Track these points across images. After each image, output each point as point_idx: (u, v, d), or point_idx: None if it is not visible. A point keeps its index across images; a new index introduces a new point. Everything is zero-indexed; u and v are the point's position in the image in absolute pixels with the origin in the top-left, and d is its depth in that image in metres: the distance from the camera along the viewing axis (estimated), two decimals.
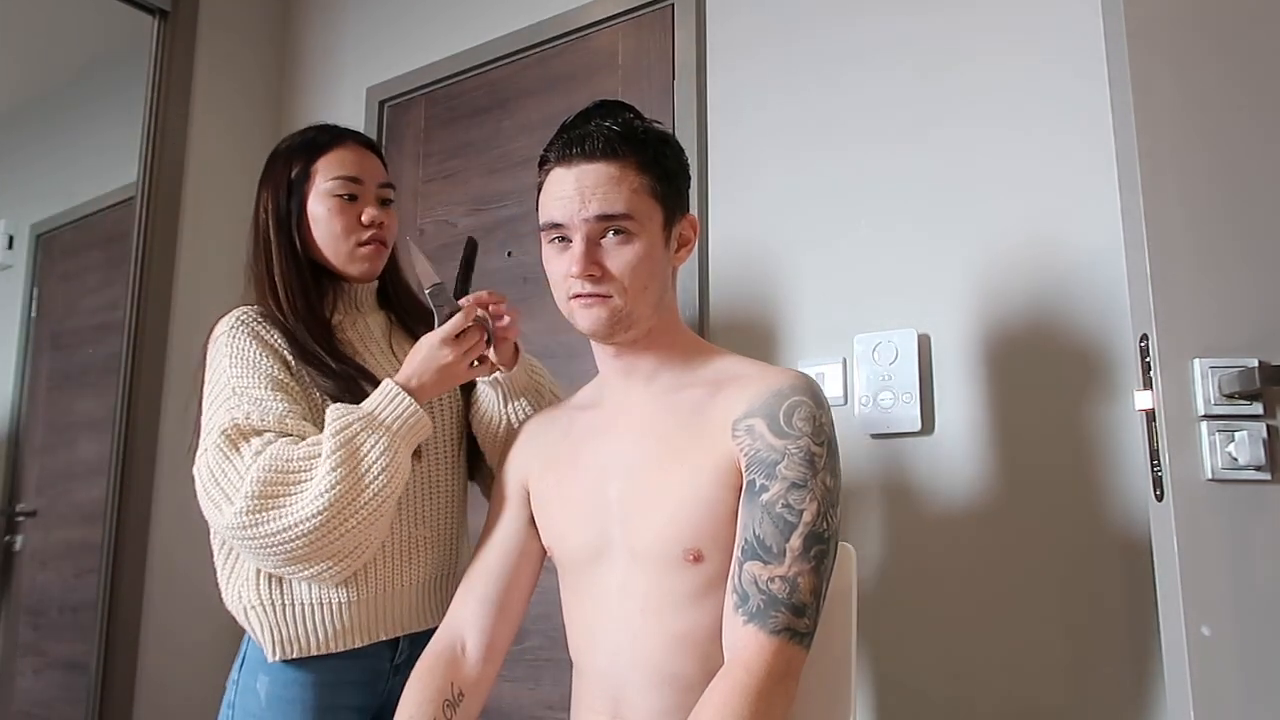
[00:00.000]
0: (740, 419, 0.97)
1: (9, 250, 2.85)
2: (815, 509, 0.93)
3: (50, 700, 2.40)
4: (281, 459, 1.06)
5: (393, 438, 1.07)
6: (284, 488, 1.05)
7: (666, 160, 1.04)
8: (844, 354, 1.58)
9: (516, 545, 1.12)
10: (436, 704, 1.03)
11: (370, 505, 1.05)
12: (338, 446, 1.05)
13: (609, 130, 1.00)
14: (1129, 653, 1.29)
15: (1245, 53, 1.06)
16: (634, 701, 0.99)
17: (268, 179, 1.25)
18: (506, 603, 1.10)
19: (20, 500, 2.66)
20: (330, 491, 1.03)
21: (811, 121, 1.69)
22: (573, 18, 2.03)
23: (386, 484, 1.06)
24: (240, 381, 1.12)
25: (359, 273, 1.24)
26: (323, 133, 1.26)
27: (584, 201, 0.98)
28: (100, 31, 2.62)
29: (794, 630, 0.90)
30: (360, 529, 1.05)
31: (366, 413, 1.08)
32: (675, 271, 1.09)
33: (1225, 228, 1.02)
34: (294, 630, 1.12)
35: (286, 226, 1.21)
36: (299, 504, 1.04)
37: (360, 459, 1.05)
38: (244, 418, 1.09)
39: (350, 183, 1.22)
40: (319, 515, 1.03)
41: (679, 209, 1.06)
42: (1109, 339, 1.36)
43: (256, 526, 1.04)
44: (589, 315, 1.01)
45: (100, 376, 2.38)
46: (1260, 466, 0.97)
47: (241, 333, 1.16)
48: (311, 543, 1.04)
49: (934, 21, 1.58)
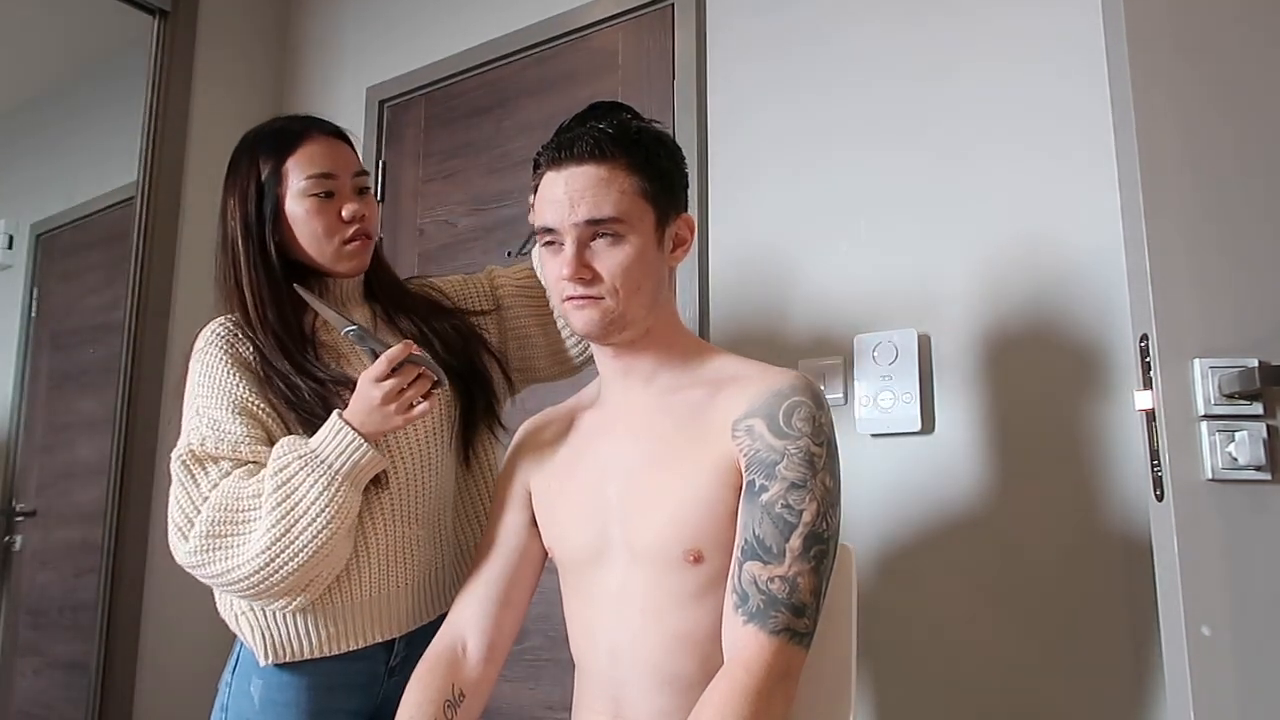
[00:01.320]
0: (740, 419, 0.97)
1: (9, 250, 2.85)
2: (815, 509, 0.93)
3: (50, 700, 2.40)
4: (231, 497, 1.07)
5: (333, 476, 1.05)
6: (232, 526, 1.06)
7: (659, 160, 1.03)
8: (844, 354, 1.58)
9: (517, 546, 1.12)
10: (437, 704, 1.03)
11: (311, 546, 1.04)
12: (276, 488, 1.05)
13: (599, 132, 1.00)
14: (1129, 653, 1.29)
15: (1245, 53, 1.06)
16: (634, 701, 0.99)
17: (233, 184, 1.19)
18: (508, 604, 1.10)
19: (20, 500, 2.66)
20: (268, 534, 1.04)
21: (812, 121, 1.68)
22: (573, 18, 2.03)
23: (327, 525, 1.04)
24: (204, 401, 1.12)
25: (348, 269, 1.21)
26: (291, 124, 1.21)
27: (573, 205, 0.98)
28: (100, 31, 2.62)
29: (794, 630, 0.90)
30: (307, 568, 1.05)
31: (309, 450, 1.06)
32: (672, 272, 1.09)
33: (1225, 227, 1.02)
34: (285, 635, 1.11)
35: (259, 232, 1.17)
36: (243, 548, 1.05)
37: (298, 501, 1.04)
38: (199, 443, 1.10)
39: (325, 179, 1.17)
40: (259, 557, 1.04)
41: (673, 209, 1.05)
42: (1109, 339, 1.36)
43: (205, 567, 1.07)
44: (581, 317, 1.01)
45: (100, 376, 2.38)
46: (1260, 466, 0.97)
47: (214, 348, 1.15)
48: (257, 584, 1.05)
49: (934, 23, 1.58)
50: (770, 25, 1.76)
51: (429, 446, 1.21)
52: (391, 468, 1.16)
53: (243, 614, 1.12)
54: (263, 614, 1.11)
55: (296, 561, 1.04)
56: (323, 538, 1.04)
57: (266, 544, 1.03)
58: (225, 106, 2.44)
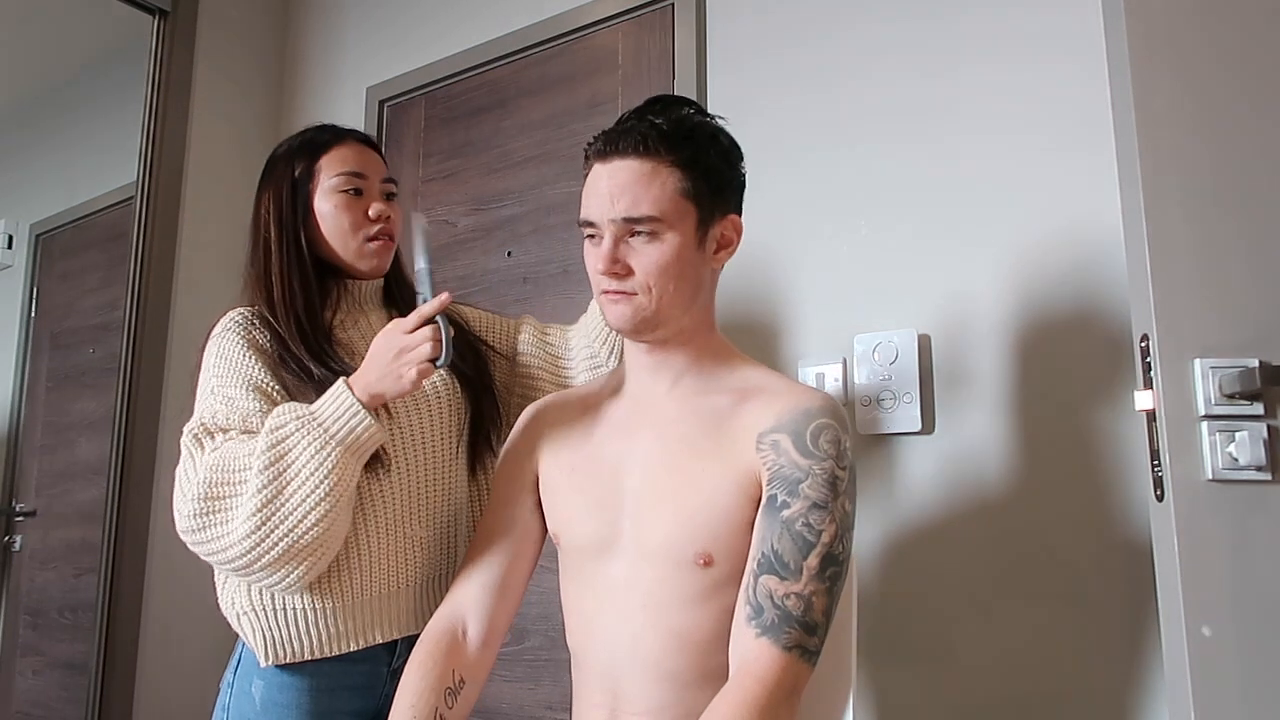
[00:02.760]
0: (766, 433, 0.97)
1: (9, 250, 2.85)
2: (834, 531, 0.93)
3: (50, 700, 2.40)
4: (228, 458, 1.06)
5: (327, 439, 1.03)
6: (227, 488, 1.05)
7: (708, 158, 1.02)
8: (844, 354, 1.58)
9: (520, 528, 1.12)
10: (438, 692, 1.02)
11: (302, 512, 1.02)
12: (268, 447, 1.03)
13: (649, 126, 0.99)
14: (1129, 653, 1.29)
15: (1246, 52, 1.06)
16: (632, 695, 1.00)
17: (269, 180, 1.24)
18: (508, 586, 1.10)
19: (20, 500, 2.66)
20: (257, 496, 1.02)
21: (812, 121, 1.68)
22: (573, 18, 2.03)
23: (317, 489, 1.02)
24: (218, 381, 1.13)
25: (368, 268, 1.24)
26: (323, 132, 1.27)
27: (612, 201, 0.99)
28: (100, 31, 2.62)
29: (804, 648, 0.91)
30: (299, 537, 1.02)
31: (306, 412, 1.05)
32: (715, 274, 1.08)
33: (1226, 227, 1.02)
34: (287, 635, 1.11)
35: (291, 226, 1.21)
36: (235, 511, 1.03)
37: (290, 463, 1.03)
38: (210, 417, 1.10)
39: (355, 178, 1.22)
40: (250, 520, 1.02)
41: (719, 209, 1.03)
42: (1109, 339, 1.36)
43: (201, 533, 1.05)
44: (615, 311, 1.01)
45: (100, 376, 2.38)
46: (1261, 467, 0.97)
47: (232, 334, 1.16)
48: (249, 551, 1.03)
49: (934, 24, 1.58)
50: (770, 25, 1.76)
51: (434, 445, 1.21)
52: (395, 464, 1.16)
53: (245, 614, 1.12)
54: (264, 614, 1.11)
55: (287, 527, 1.02)
56: (315, 505, 1.02)
57: (256, 506, 1.02)
58: (225, 106, 2.44)
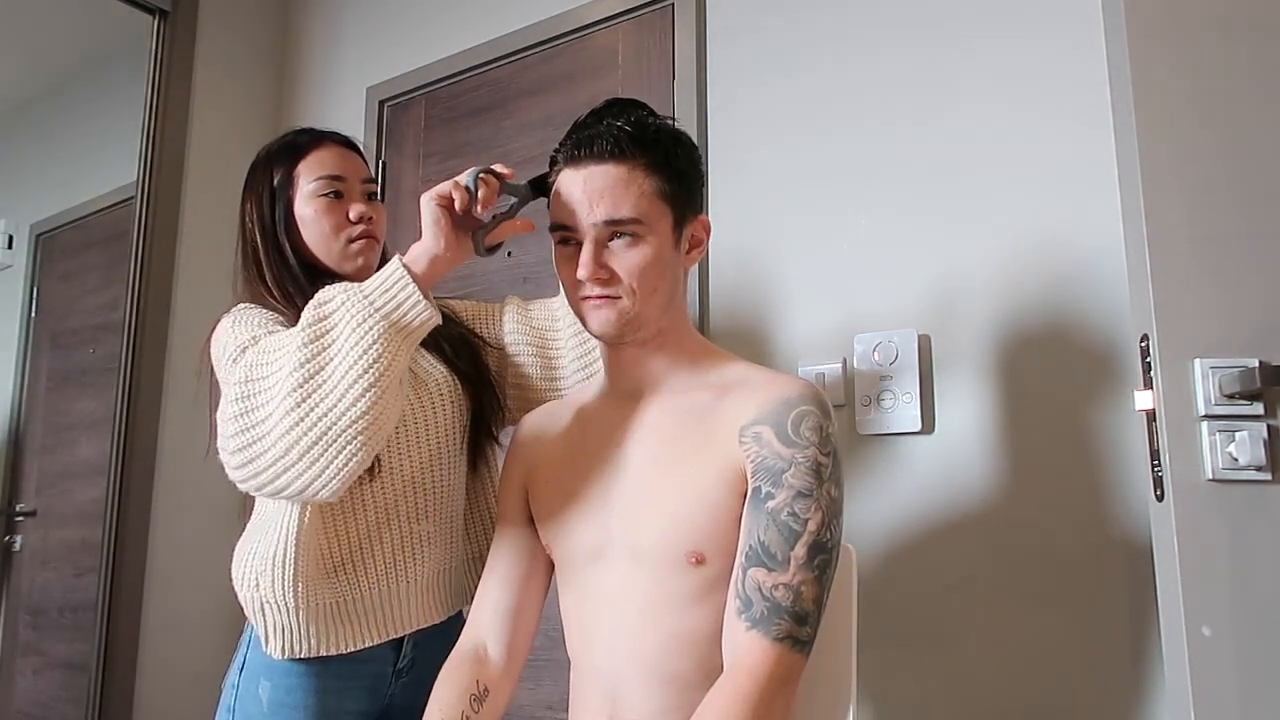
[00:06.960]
0: (748, 425, 0.97)
1: (9, 250, 2.85)
2: (820, 519, 0.93)
3: (50, 700, 2.40)
4: (266, 344, 1.02)
5: (371, 309, 0.96)
6: (264, 368, 0.99)
7: (678, 160, 1.02)
8: (844, 354, 1.58)
9: (527, 549, 1.13)
10: (463, 699, 1.05)
11: (341, 386, 0.94)
12: (310, 323, 0.97)
13: (619, 130, 0.99)
14: (1129, 653, 1.29)
15: (1246, 51, 1.06)
16: (631, 701, 0.99)
17: (250, 188, 1.24)
18: (522, 608, 1.11)
19: (20, 500, 2.67)
20: (296, 374, 0.95)
21: (813, 121, 1.68)
22: (573, 17, 2.03)
23: (358, 362, 0.94)
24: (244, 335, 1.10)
25: (354, 269, 1.22)
26: (300, 135, 1.26)
27: (591, 205, 0.98)
28: (100, 31, 2.62)
29: (796, 638, 0.91)
30: (337, 413, 0.94)
31: (357, 287, 0.99)
32: (686, 273, 1.09)
33: (1226, 227, 1.02)
34: (301, 631, 1.11)
35: (273, 233, 1.21)
36: (272, 399, 0.97)
37: (333, 339, 0.96)
38: (250, 340, 1.07)
39: (334, 181, 1.22)
40: (287, 399, 0.95)
41: (690, 210, 1.04)
42: (1109, 339, 1.36)
43: (245, 446, 0.98)
44: (598, 317, 1.00)
45: (100, 376, 2.38)
46: (1260, 467, 0.97)
47: (245, 312, 1.16)
48: (287, 432, 0.95)
49: (934, 24, 1.58)
50: (770, 25, 1.76)
51: (440, 442, 1.21)
52: (401, 461, 1.16)
53: (268, 603, 1.11)
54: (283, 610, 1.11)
55: (327, 406, 0.94)
56: (356, 381, 0.94)
57: (296, 383, 0.95)
58: (225, 106, 2.44)
